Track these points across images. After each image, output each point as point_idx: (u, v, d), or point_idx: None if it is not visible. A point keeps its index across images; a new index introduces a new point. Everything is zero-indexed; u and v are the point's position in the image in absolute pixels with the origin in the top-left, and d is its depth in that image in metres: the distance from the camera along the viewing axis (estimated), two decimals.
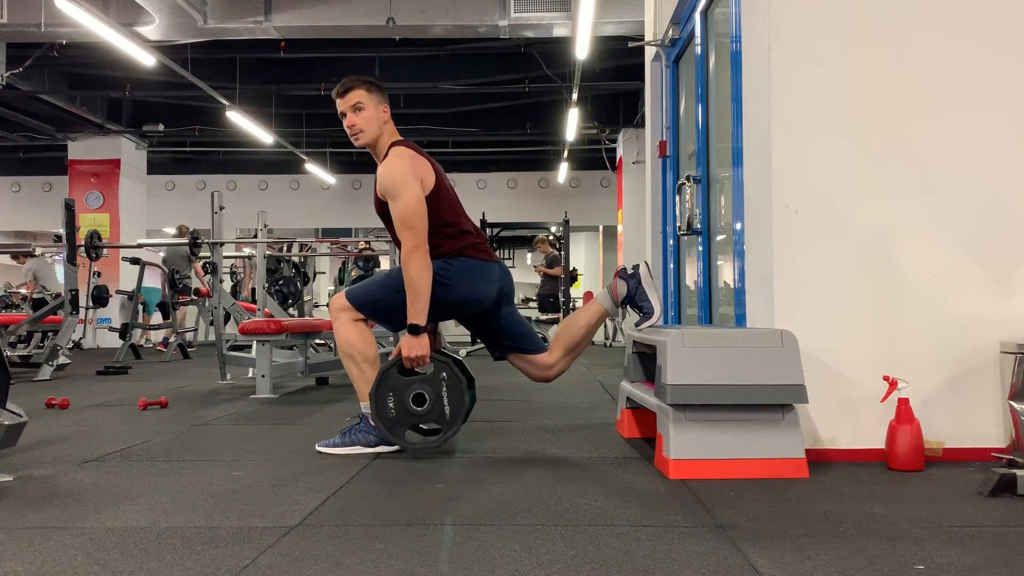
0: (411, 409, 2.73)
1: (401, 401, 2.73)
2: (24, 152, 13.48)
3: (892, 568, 1.58)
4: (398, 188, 2.72)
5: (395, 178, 2.73)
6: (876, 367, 2.65)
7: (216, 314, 5.77)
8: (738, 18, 3.09)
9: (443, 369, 2.74)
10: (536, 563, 1.61)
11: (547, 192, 15.06)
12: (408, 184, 2.71)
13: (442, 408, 2.74)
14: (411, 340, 2.69)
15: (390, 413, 2.73)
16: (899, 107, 2.74)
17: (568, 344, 2.97)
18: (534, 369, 2.98)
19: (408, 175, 2.73)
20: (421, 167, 2.78)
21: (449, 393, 2.74)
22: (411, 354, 2.69)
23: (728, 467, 2.40)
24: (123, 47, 7.24)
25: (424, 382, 2.75)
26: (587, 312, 3.01)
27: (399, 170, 2.74)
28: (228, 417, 3.88)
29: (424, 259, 2.69)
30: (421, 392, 2.74)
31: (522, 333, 2.98)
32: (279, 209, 14.06)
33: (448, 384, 2.74)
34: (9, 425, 2.43)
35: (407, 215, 2.70)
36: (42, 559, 1.66)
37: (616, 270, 3.07)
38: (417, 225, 2.70)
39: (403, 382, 2.75)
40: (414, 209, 2.70)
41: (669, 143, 4.48)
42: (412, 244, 2.69)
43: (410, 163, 2.77)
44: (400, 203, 2.71)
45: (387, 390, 2.73)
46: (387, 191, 2.75)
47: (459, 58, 9.60)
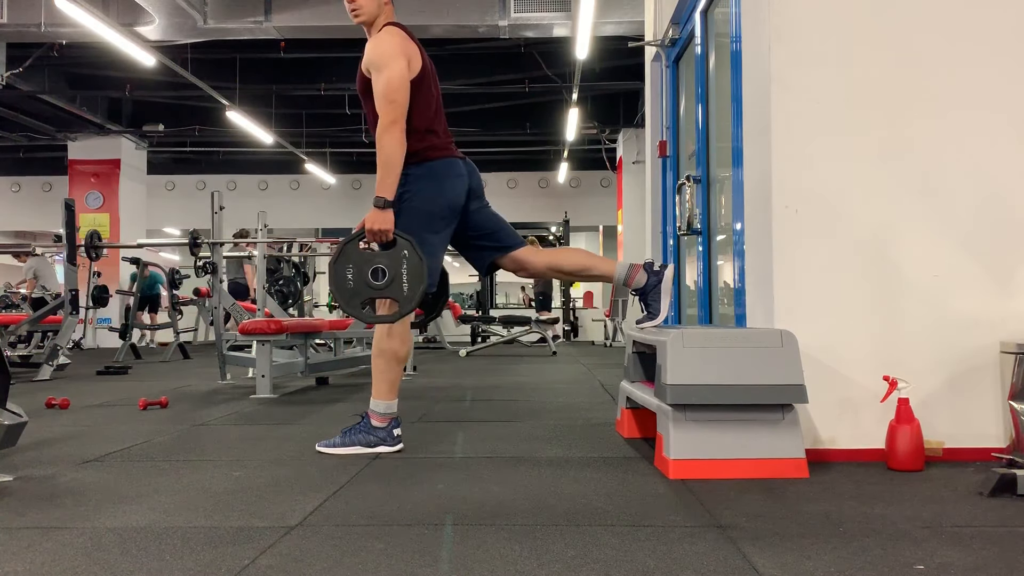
0: (369, 282, 2.70)
1: (360, 273, 2.70)
2: (24, 152, 13.48)
3: (892, 568, 1.58)
4: (384, 61, 2.70)
5: (383, 51, 2.71)
6: (876, 367, 2.65)
7: (216, 314, 5.77)
8: (738, 18, 3.09)
9: (405, 247, 2.70)
10: (536, 563, 1.61)
11: (547, 192, 15.07)
12: (395, 58, 2.70)
13: (400, 285, 2.70)
14: (377, 213, 2.66)
15: (348, 284, 2.71)
16: (899, 107, 2.74)
17: (559, 262, 3.03)
18: (512, 263, 3.01)
19: (396, 50, 2.71)
20: (411, 49, 2.77)
21: (409, 271, 2.70)
22: (374, 227, 2.66)
23: (728, 467, 2.40)
24: (123, 47, 7.25)
25: (385, 257, 2.71)
26: (598, 260, 3.04)
27: (388, 44, 2.73)
28: (228, 417, 3.89)
29: (400, 136, 2.67)
30: (381, 267, 2.70)
31: (498, 228, 3.00)
32: (279, 209, 14.07)
33: (409, 262, 2.70)
34: (9, 425, 2.43)
35: (390, 89, 2.68)
36: (42, 559, 1.66)
37: (645, 260, 3.05)
38: (398, 99, 2.68)
39: (364, 255, 2.72)
40: (398, 84, 2.68)
41: (669, 143, 4.48)
42: (390, 119, 2.67)
43: (401, 41, 2.75)
44: (384, 76, 2.68)
45: (347, 262, 2.71)
46: (372, 63, 2.73)
47: (459, 58, 9.60)
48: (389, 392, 2.83)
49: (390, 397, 2.84)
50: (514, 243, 3.01)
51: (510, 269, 3.04)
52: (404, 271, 2.70)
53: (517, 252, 3.00)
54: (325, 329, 5.27)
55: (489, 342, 10.11)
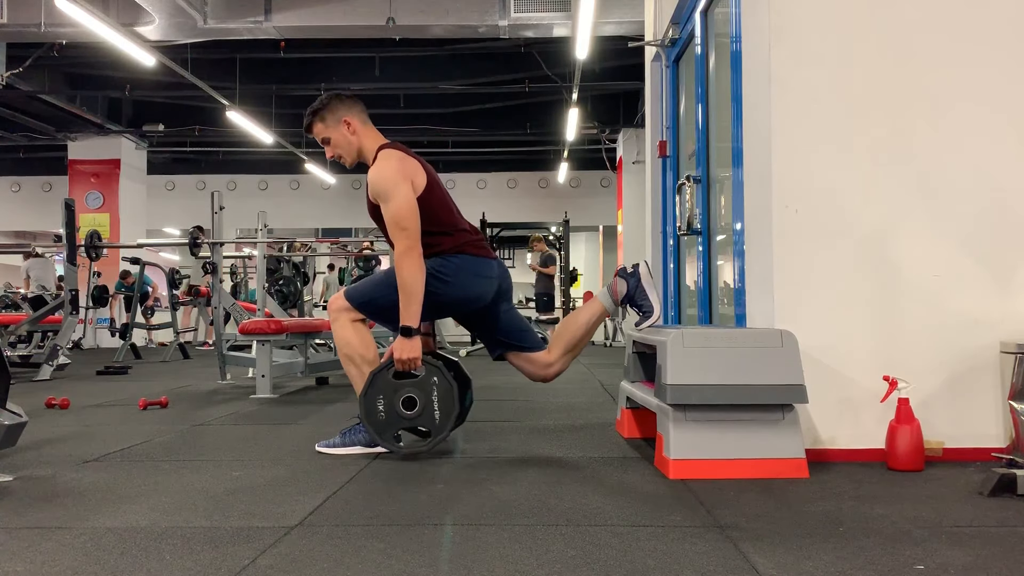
0: (400, 412, 2.72)
1: (391, 404, 2.72)
2: (24, 152, 13.49)
3: (892, 568, 1.58)
4: (388, 190, 2.71)
5: (385, 180, 2.73)
6: (876, 367, 2.65)
7: (216, 314, 5.77)
8: (738, 18, 3.09)
9: (434, 374, 2.73)
10: (536, 563, 1.61)
11: (547, 192, 15.07)
12: (398, 185, 2.71)
13: (432, 413, 2.72)
14: (403, 343, 2.67)
15: (379, 416, 2.72)
16: (899, 107, 2.73)
17: (568, 343, 2.97)
18: (533, 368, 2.97)
19: (397, 177, 2.73)
20: (410, 168, 2.78)
21: (440, 398, 2.72)
22: (403, 356, 2.67)
23: (728, 467, 2.40)
24: (123, 47, 7.25)
25: (415, 386, 2.73)
26: (587, 311, 3.01)
27: (388, 172, 2.74)
28: (228, 417, 3.88)
29: (417, 261, 2.68)
30: (411, 396, 2.72)
31: (520, 330, 2.98)
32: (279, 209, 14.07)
33: (439, 388, 2.72)
34: (9, 425, 2.42)
35: (399, 216, 2.69)
36: (42, 559, 1.66)
37: (616, 270, 3.06)
38: (409, 226, 2.69)
39: (393, 385, 2.73)
40: (406, 210, 2.70)
41: (669, 143, 4.48)
42: (405, 246, 2.68)
43: (399, 164, 2.76)
44: (392, 205, 2.70)
45: (377, 392, 2.72)
46: (378, 194, 2.75)
47: (459, 58, 9.61)
48: None
49: None
50: (533, 346, 2.97)
51: (527, 370, 2.98)
52: (435, 399, 2.72)
53: (535, 355, 2.96)
54: (325, 329, 5.26)
55: None
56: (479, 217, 11.58)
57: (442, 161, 14.03)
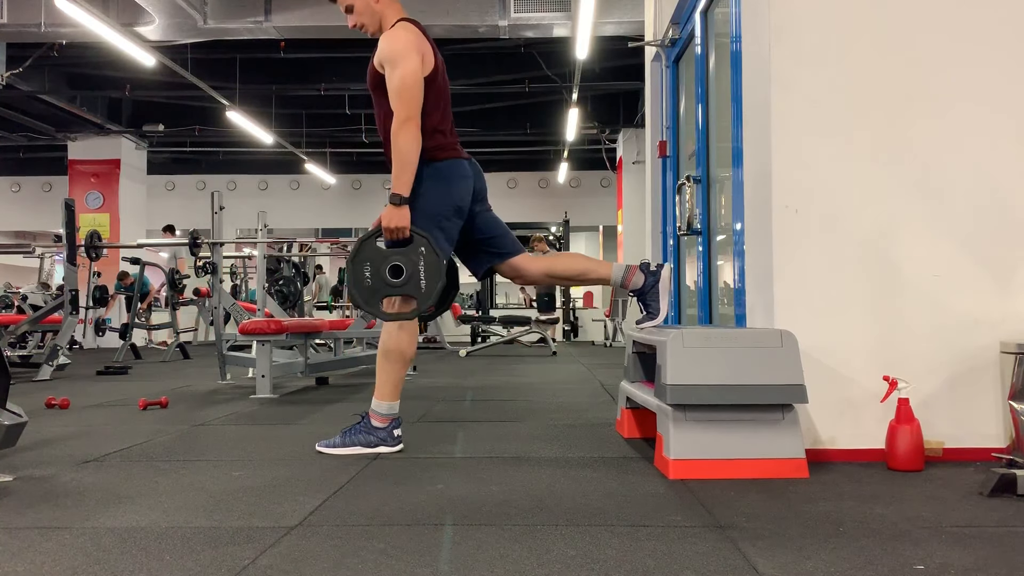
0: (387, 280, 2.71)
1: (377, 271, 2.71)
2: (24, 152, 13.49)
3: (892, 568, 1.58)
4: (398, 56, 2.68)
5: (397, 46, 2.69)
6: (876, 367, 2.65)
7: (216, 314, 5.77)
8: (738, 18, 3.09)
9: (422, 244, 2.71)
10: (536, 563, 1.61)
11: (547, 192, 15.07)
12: (410, 54, 2.68)
13: (418, 282, 2.71)
14: (392, 210, 2.66)
15: (366, 282, 2.71)
16: (899, 107, 2.73)
17: (556, 269, 3.00)
18: (510, 270, 3.00)
19: (411, 47, 2.69)
20: (424, 46, 2.75)
21: (426, 268, 2.70)
22: (391, 224, 2.66)
23: (728, 467, 2.40)
24: (123, 47, 7.25)
25: (402, 255, 2.71)
26: (594, 263, 3.02)
27: (403, 40, 2.71)
28: (228, 417, 3.88)
29: (415, 132, 2.67)
30: (398, 264, 2.71)
31: (499, 234, 2.99)
32: (279, 209, 14.07)
33: (426, 259, 2.70)
34: (9, 425, 2.42)
35: (405, 86, 2.66)
36: (42, 559, 1.66)
37: (641, 261, 3.05)
38: (413, 96, 2.67)
39: (381, 253, 2.72)
40: (412, 80, 2.67)
41: (669, 143, 4.48)
42: (405, 115, 2.66)
43: (415, 38, 2.73)
44: (399, 72, 2.67)
45: (364, 260, 2.71)
46: (386, 58, 2.71)
47: (459, 58, 9.60)
48: (393, 393, 2.83)
49: (393, 398, 2.84)
50: (513, 250, 3.00)
51: (507, 275, 3.03)
52: (421, 268, 2.71)
53: (515, 259, 2.99)
54: (325, 329, 5.27)
55: (489, 342, 10.11)
56: None
57: None
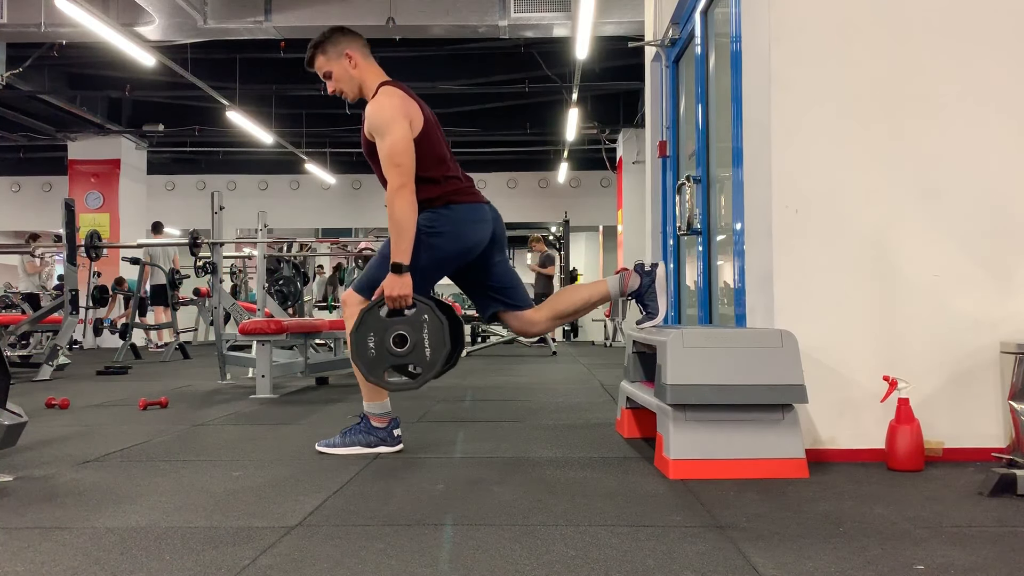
0: (391, 350, 2.69)
1: (381, 342, 2.69)
2: (24, 152, 13.48)
3: (892, 568, 1.58)
4: (386, 125, 2.69)
5: (383, 116, 2.70)
6: (876, 367, 2.65)
7: (216, 314, 5.77)
8: (738, 18, 3.09)
9: (425, 311, 2.70)
10: (536, 563, 1.61)
11: (547, 192, 15.06)
12: (396, 122, 2.68)
13: (423, 350, 2.69)
14: (394, 279, 2.65)
15: (370, 353, 2.69)
16: (899, 107, 2.73)
17: (559, 310, 2.97)
18: (518, 323, 2.97)
19: (396, 113, 2.70)
20: (410, 107, 2.76)
21: (430, 336, 2.68)
22: (393, 293, 2.64)
23: (728, 467, 2.40)
24: (123, 47, 7.24)
25: (406, 323, 2.69)
26: (591, 288, 3.01)
27: (387, 108, 2.72)
28: (228, 417, 3.88)
29: (410, 198, 2.66)
30: (402, 333, 2.69)
31: (512, 285, 2.97)
32: (279, 209, 14.07)
33: (430, 326, 2.69)
34: (9, 425, 2.42)
35: (394, 153, 2.67)
36: (42, 559, 1.66)
37: (635, 263, 3.05)
38: (404, 163, 2.67)
39: (384, 322, 2.70)
40: (402, 147, 2.67)
41: (669, 143, 4.48)
42: (398, 183, 2.66)
43: (400, 102, 2.74)
44: (388, 141, 2.68)
45: (368, 330, 2.69)
46: (374, 128, 2.72)
47: (459, 58, 9.60)
48: (378, 393, 2.83)
49: (381, 398, 2.84)
50: (523, 304, 2.97)
51: (515, 328, 2.99)
52: (425, 336, 2.69)
53: (524, 313, 2.96)
54: (325, 329, 5.27)
55: (489, 342, 10.11)
56: None
57: None
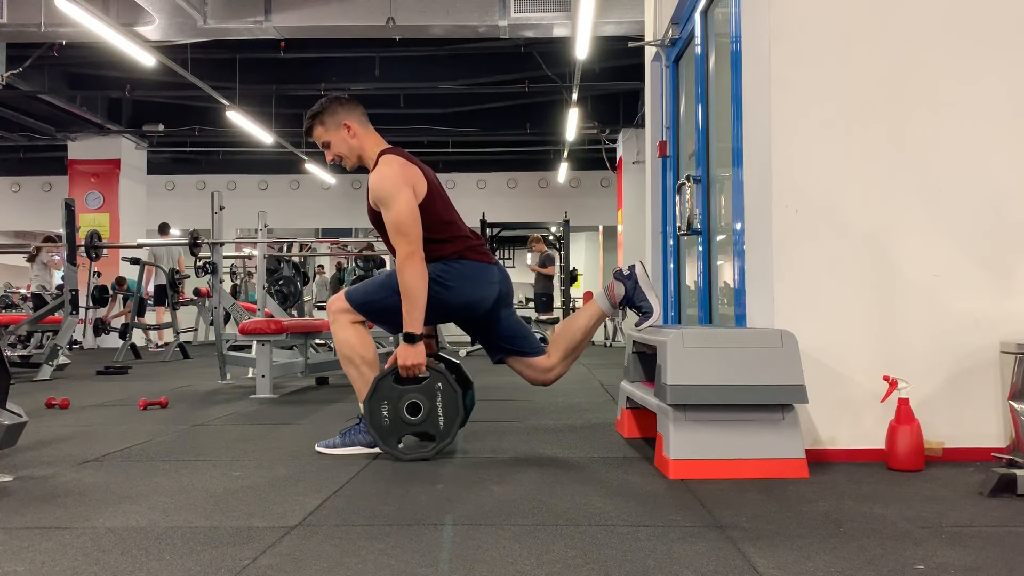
0: (405, 418, 2.71)
1: (395, 410, 2.71)
2: (24, 152, 13.48)
3: (892, 568, 1.58)
4: (389, 196, 2.71)
5: (386, 186, 2.72)
6: (876, 367, 2.65)
7: (216, 314, 5.77)
8: (738, 18, 3.09)
9: (439, 379, 2.72)
10: (536, 563, 1.61)
11: (547, 192, 15.06)
12: (399, 191, 2.70)
13: (436, 418, 2.72)
14: (407, 349, 2.67)
15: (384, 421, 2.71)
16: (899, 106, 2.73)
17: (567, 347, 2.96)
18: (533, 372, 2.97)
19: (398, 182, 2.72)
20: (411, 174, 2.77)
21: (444, 403, 2.72)
22: (407, 363, 2.67)
23: (728, 467, 2.40)
24: (123, 47, 7.24)
25: (419, 391, 2.72)
26: (585, 314, 3.00)
27: (389, 178, 2.73)
28: (228, 417, 3.88)
29: (419, 267, 2.68)
30: (416, 401, 2.72)
31: (520, 335, 2.97)
32: (279, 209, 14.07)
33: (443, 394, 2.72)
34: (9, 425, 2.43)
35: (400, 222, 2.69)
36: (42, 559, 1.66)
37: (613, 271, 3.06)
38: (410, 232, 2.68)
39: (398, 391, 2.72)
40: (407, 216, 2.69)
41: (669, 143, 4.48)
42: (407, 252, 2.67)
43: (400, 170, 2.76)
44: (393, 211, 2.70)
45: (381, 398, 2.71)
46: (379, 199, 2.75)
47: (459, 58, 9.60)
48: None
49: None
50: (532, 351, 2.96)
51: (527, 376, 2.97)
52: (439, 404, 2.71)
53: (534, 360, 2.95)
54: (325, 329, 5.26)
55: None
56: (479, 217, 11.58)
57: (442, 161, 14.03)
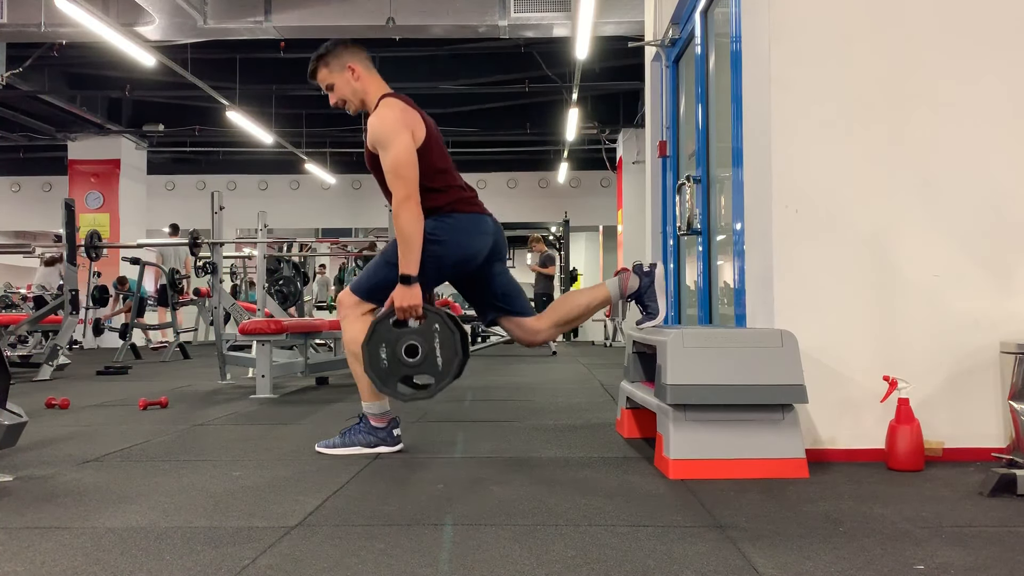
0: (403, 360, 2.69)
1: (393, 353, 2.70)
2: (24, 152, 13.48)
3: (892, 568, 1.58)
4: (388, 138, 2.69)
5: (385, 128, 2.71)
6: (876, 367, 2.65)
7: (216, 314, 5.77)
8: (738, 18, 3.09)
9: (436, 321, 2.70)
10: (536, 563, 1.61)
11: (547, 192, 15.06)
12: (398, 134, 2.69)
13: (435, 360, 2.70)
14: (403, 290, 2.65)
15: (382, 364, 2.70)
16: (899, 106, 2.73)
17: (561, 317, 2.97)
18: (520, 332, 2.97)
19: (398, 125, 2.71)
20: (411, 118, 2.76)
21: (442, 345, 2.69)
22: (403, 304, 2.65)
23: (728, 467, 2.40)
24: (123, 47, 7.24)
25: (417, 333, 2.70)
26: (591, 293, 3.00)
27: (389, 120, 2.72)
28: (228, 417, 3.88)
29: (415, 209, 2.67)
30: (414, 344, 2.70)
31: (512, 294, 2.97)
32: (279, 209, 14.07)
33: (441, 336, 2.70)
34: (9, 425, 2.42)
35: (398, 165, 2.67)
36: (42, 559, 1.66)
37: (633, 263, 3.05)
38: (407, 176, 2.68)
39: (395, 334, 2.70)
40: (405, 159, 2.68)
41: (669, 143, 4.48)
42: (403, 194, 2.66)
43: (400, 114, 2.74)
44: (391, 153, 2.68)
45: (379, 341, 2.70)
46: (377, 141, 2.73)
47: (459, 58, 9.60)
48: (374, 393, 2.83)
49: (378, 398, 2.84)
50: (524, 311, 2.97)
51: (517, 336, 2.98)
52: (437, 345, 2.70)
53: (525, 320, 2.96)
54: (325, 329, 5.27)
55: (489, 342, 10.10)
56: None
57: None
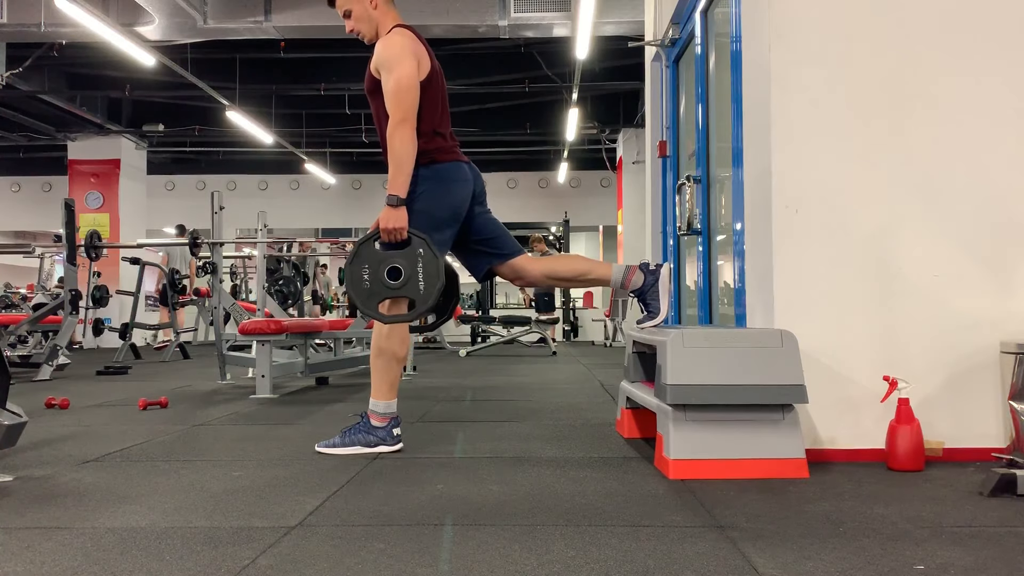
0: (385, 282, 2.70)
1: (376, 274, 2.70)
2: (24, 152, 13.48)
3: (892, 568, 1.58)
4: (394, 61, 2.70)
5: (393, 51, 2.72)
6: (876, 367, 2.65)
7: (216, 314, 5.77)
8: (738, 18, 3.09)
9: (420, 244, 2.70)
10: (536, 563, 1.61)
11: (547, 192, 15.06)
12: (405, 59, 2.70)
13: (417, 283, 2.70)
14: (390, 212, 2.66)
15: (364, 284, 2.70)
16: (899, 106, 2.73)
17: (556, 269, 3.01)
18: (510, 271, 3.00)
19: (406, 52, 2.72)
20: (420, 50, 2.78)
21: (425, 269, 2.69)
22: (389, 225, 2.66)
23: (728, 467, 2.40)
24: (123, 47, 7.25)
25: (401, 256, 2.71)
26: (593, 264, 3.02)
27: (398, 45, 2.73)
28: (228, 417, 3.88)
29: (410, 133, 2.68)
30: (397, 266, 2.70)
31: (499, 235, 3.00)
32: (279, 209, 14.07)
33: (424, 259, 2.70)
34: (9, 425, 2.42)
35: (400, 88, 2.68)
36: (42, 559, 1.66)
37: (641, 261, 3.06)
38: (406, 100, 2.69)
39: (379, 255, 2.71)
40: (407, 84, 2.69)
41: (669, 143, 4.48)
42: (400, 118, 2.68)
43: (410, 43, 2.76)
44: (394, 75, 2.69)
45: (362, 262, 2.70)
46: (382, 63, 2.73)
47: (459, 58, 9.60)
48: (389, 392, 2.84)
49: (390, 397, 2.85)
50: (513, 251, 3.00)
51: (507, 277, 3.03)
52: (420, 269, 2.70)
53: (515, 260, 2.99)
54: (325, 329, 5.27)
55: (489, 342, 10.11)
56: None
57: None
